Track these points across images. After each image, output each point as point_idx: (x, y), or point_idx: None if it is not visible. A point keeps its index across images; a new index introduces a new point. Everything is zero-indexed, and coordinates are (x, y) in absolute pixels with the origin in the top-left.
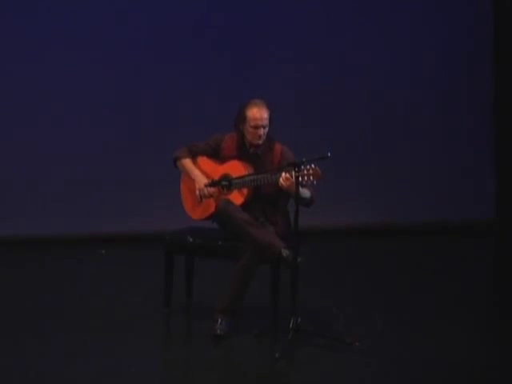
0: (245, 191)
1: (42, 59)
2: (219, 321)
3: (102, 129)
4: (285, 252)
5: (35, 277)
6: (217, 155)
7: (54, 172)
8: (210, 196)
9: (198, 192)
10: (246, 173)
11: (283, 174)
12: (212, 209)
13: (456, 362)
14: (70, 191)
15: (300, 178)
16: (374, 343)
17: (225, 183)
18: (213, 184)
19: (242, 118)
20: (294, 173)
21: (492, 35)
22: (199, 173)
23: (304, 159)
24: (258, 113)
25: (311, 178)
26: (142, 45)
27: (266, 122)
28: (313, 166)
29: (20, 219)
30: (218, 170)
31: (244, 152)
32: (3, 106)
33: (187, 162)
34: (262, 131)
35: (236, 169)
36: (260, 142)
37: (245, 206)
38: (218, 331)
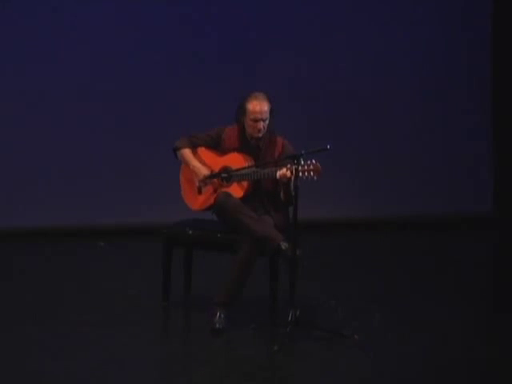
0: (244, 184)
1: (42, 52)
2: (218, 314)
3: (102, 120)
4: (284, 245)
5: (33, 269)
6: (217, 146)
7: (52, 164)
8: (210, 187)
9: (197, 183)
10: (246, 165)
11: (279, 172)
12: (211, 201)
13: (455, 356)
14: (68, 183)
15: (300, 174)
16: (372, 336)
17: (224, 175)
18: (212, 176)
19: (242, 110)
20: (293, 166)
21: (491, 33)
22: (199, 164)
23: (303, 151)
24: (257, 106)
25: (312, 173)
26: (142, 44)
27: (265, 116)
28: (313, 161)
29: (17, 211)
30: (218, 161)
31: (245, 144)
32: (5, 99)
33: (187, 153)
34: (261, 124)
35: (236, 161)
36: (260, 135)
37: (244, 198)
38: (217, 325)
